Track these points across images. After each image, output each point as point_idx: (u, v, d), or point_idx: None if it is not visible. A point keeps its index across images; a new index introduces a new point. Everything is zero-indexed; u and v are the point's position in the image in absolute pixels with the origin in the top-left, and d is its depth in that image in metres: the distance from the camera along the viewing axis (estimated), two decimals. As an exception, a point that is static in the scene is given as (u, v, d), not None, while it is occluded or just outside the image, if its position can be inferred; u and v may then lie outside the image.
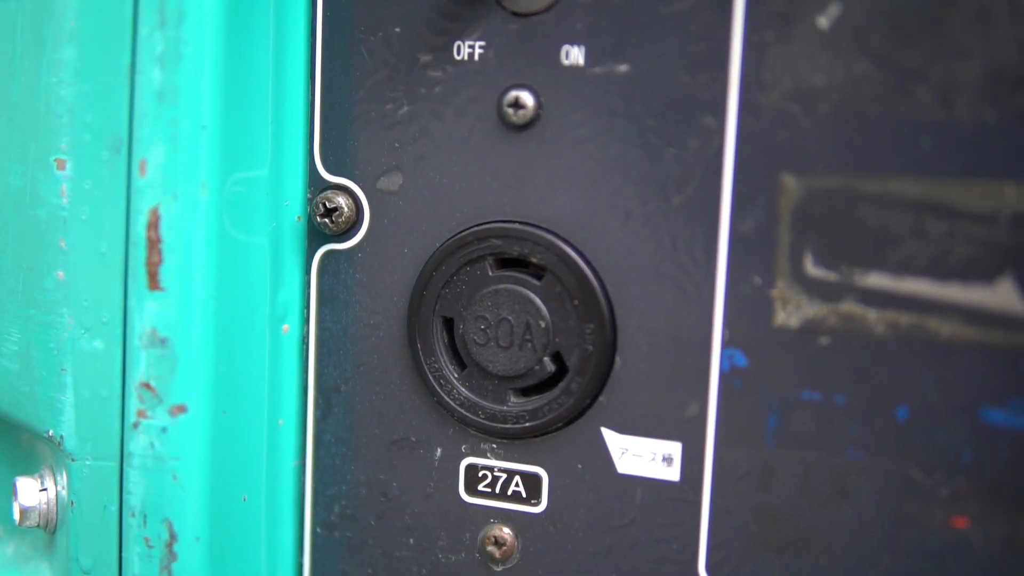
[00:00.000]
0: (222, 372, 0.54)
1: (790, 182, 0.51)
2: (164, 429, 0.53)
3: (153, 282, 0.52)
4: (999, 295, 0.49)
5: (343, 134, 0.57)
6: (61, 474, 0.57)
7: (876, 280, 0.50)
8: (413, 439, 0.58)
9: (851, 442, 0.51)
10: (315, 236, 0.58)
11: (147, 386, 0.53)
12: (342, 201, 0.56)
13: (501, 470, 0.57)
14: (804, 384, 0.52)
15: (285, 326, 0.58)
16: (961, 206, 0.49)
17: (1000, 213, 0.48)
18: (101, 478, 0.55)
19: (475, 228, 0.55)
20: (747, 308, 0.52)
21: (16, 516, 0.57)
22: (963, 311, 0.49)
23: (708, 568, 0.54)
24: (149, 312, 0.53)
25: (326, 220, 0.57)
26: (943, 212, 0.49)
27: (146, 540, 0.54)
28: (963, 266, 0.49)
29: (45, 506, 0.57)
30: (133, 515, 0.54)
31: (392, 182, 0.56)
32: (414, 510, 0.58)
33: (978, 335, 0.49)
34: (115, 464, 0.54)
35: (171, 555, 0.54)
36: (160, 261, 0.52)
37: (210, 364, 0.53)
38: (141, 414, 0.53)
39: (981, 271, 0.49)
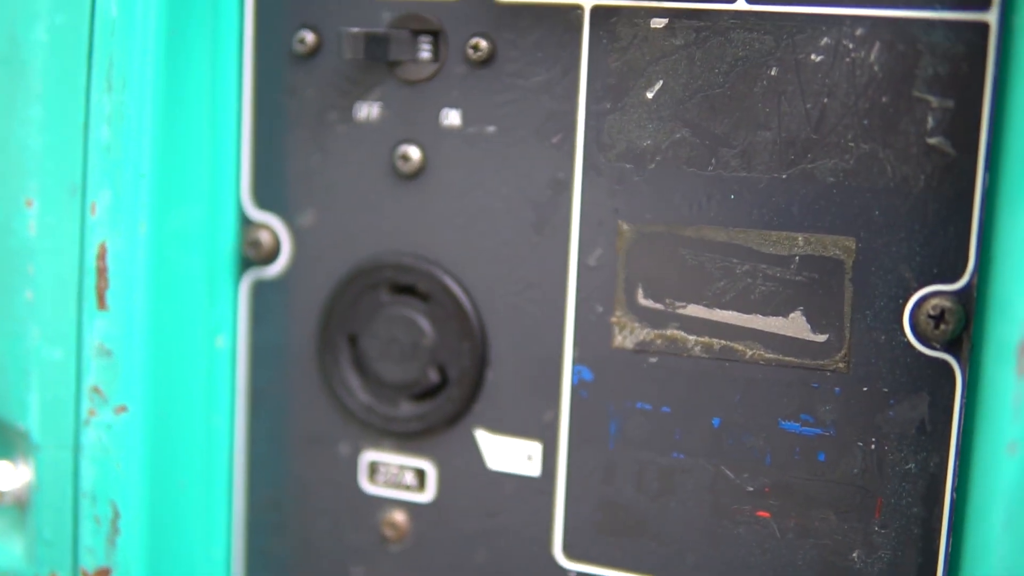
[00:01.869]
0: (159, 378, 0.65)
1: (624, 228, 0.61)
2: (109, 426, 0.64)
3: (101, 303, 0.63)
4: (793, 326, 0.59)
5: (267, 177, 0.67)
6: (30, 461, 0.68)
7: (694, 310, 0.60)
8: (324, 437, 0.68)
9: (675, 446, 0.61)
10: (244, 264, 0.68)
11: (96, 390, 0.64)
12: (264, 236, 0.67)
13: (396, 464, 0.67)
14: (637, 396, 0.62)
15: (219, 339, 0.68)
16: (761, 250, 0.59)
17: (793, 257, 0.58)
18: (60, 465, 0.66)
19: (373, 260, 0.66)
20: (592, 331, 0.62)
21: (-4, 496, 0.69)
22: (764, 338, 0.59)
23: (563, 549, 0.64)
24: (98, 328, 0.63)
25: (251, 252, 0.67)
26: (747, 255, 0.59)
27: (96, 518, 0.65)
28: (763, 300, 0.59)
29: (19, 488, 0.69)
30: (85, 496, 0.65)
31: (307, 220, 0.67)
32: (325, 497, 0.69)
33: (776, 358, 0.59)
34: (71, 454, 0.65)
35: (115, 530, 0.64)
36: (106, 286, 0.63)
37: (148, 371, 0.64)
38: (91, 413, 0.64)
39: (778, 305, 0.59)
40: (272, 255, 0.67)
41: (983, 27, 0.54)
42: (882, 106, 0.56)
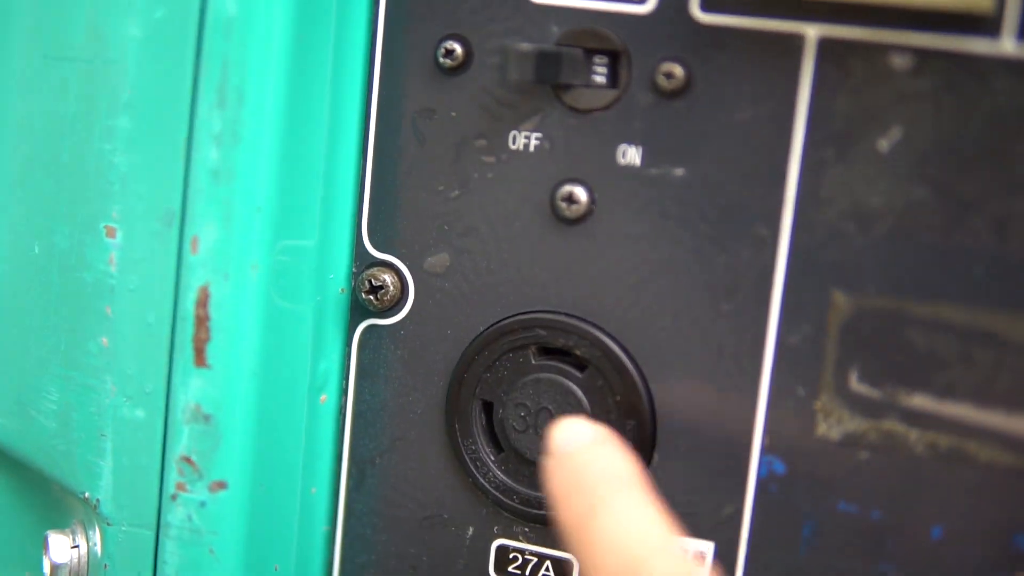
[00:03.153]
0: (263, 447, 0.54)
1: (840, 299, 0.51)
2: (203, 504, 0.53)
3: (199, 359, 0.53)
4: (1041, 426, 0.49)
5: (392, 212, 0.57)
6: (94, 531, 0.57)
7: (919, 401, 0.51)
8: (445, 516, 0.58)
9: (884, 557, 0.52)
10: (357, 310, 0.58)
11: (188, 460, 0.53)
12: (388, 279, 0.56)
13: (532, 554, 0.57)
14: (841, 496, 0.52)
15: (323, 396, 0.58)
16: (1009, 336, 0.49)
17: (1048, 346, 0.49)
18: (136, 545, 0.55)
19: (520, 316, 0.55)
20: (789, 417, 0.52)
21: (47, 572, 0.58)
22: (1003, 438, 0.50)
23: (734, 670, 0.55)
24: (194, 388, 0.53)
25: (371, 297, 0.57)
26: (991, 341, 0.49)
27: (179, 612, 0.54)
28: (1007, 395, 0.50)
29: (76, 563, 0.58)
30: (167, 586, 0.54)
31: (439, 263, 0.56)
32: (446, 588, 0.59)
33: (1017, 462, 0.50)
34: (151, 533, 0.55)
35: (204, 628, 0.54)
36: (208, 338, 0.52)
37: (252, 441, 0.54)
38: (180, 487, 0.53)
39: (1025, 401, 0.49)
40: (394, 303, 0.57)
41: None
42: None
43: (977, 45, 0.48)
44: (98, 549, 0.57)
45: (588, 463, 0.45)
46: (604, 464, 0.45)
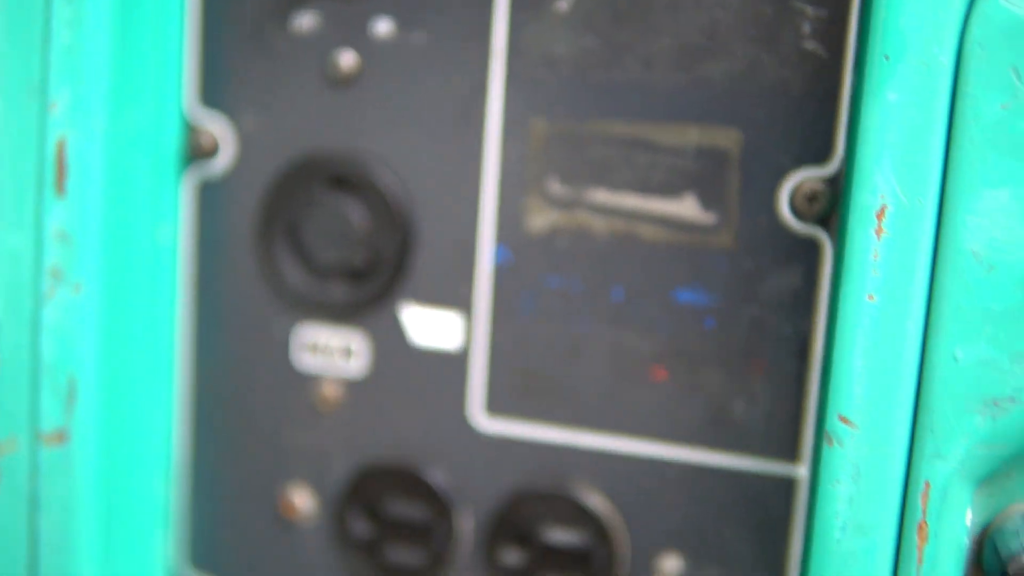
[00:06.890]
0: (111, 261, 0.71)
1: (539, 124, 0.69)
2: (67, 304, 0.70)
3: (60, 190, 0.69)
4: (685, 207, 0.67)
5: (215, 79, 0.74)
6: (-11, 341, 0.74)
7: (599, 196, 0.69)
8: (261, 318, 0.76)
9: (582, 316, 0.70)
10: (189, 159, 0.75)
11: (55, 272, 0.70)
12: (212, 133, 0.74)
13: (328, 339, 0.75)
14: (549, 273, 0.70)
15: (162, 229, 0.75)
16: (659, 142, 0.67)
17: (687, 147, 0.67)
18: (20, 341, 0.72)
19: (308, 156, 0.73)
20: (510, 215, 0.70)
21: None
22: (661, 219, 0.68)
23: (487, 410, 0.72)
24: (57, 214, 0.70)
25: (193, 147, 0.74)
26: (647, 147, 0.67)
27: (54, 387, 0.71)
28: (660, 186, 0.68)
29: (-24, 367, 0.74)
30: (46, 369, 0.71)
31: (252, 122, 0.74)
32: (263, 373, 0.76)
33: (671, 236, 0.68)
34: (29, 330, 0.71)
35: (72, 397, 0.71)
36: (65, 176, 0.69)
37: (102, 254, 0.70)
38: (51, 292, 0.70)
39: (673, 189, 0.67)
40: (214, 150, 0.74)
41: (851, -53, 0.63)
42: (766, 16, 0.65)
43: (622, -72, 0.66)
44: (-8, 352, 0.73)
45: None
46: None
